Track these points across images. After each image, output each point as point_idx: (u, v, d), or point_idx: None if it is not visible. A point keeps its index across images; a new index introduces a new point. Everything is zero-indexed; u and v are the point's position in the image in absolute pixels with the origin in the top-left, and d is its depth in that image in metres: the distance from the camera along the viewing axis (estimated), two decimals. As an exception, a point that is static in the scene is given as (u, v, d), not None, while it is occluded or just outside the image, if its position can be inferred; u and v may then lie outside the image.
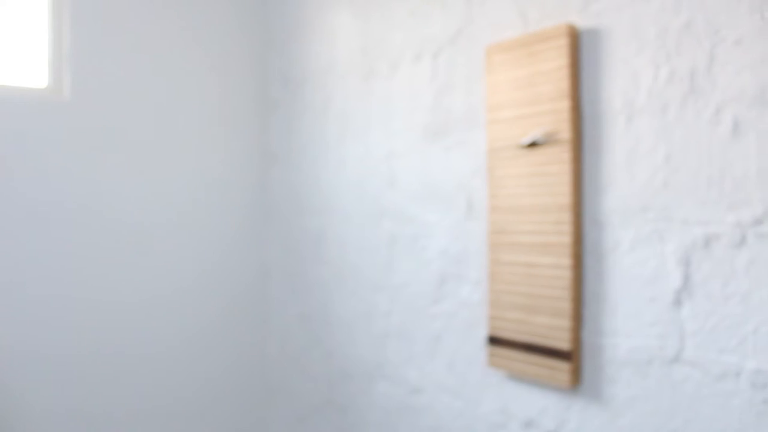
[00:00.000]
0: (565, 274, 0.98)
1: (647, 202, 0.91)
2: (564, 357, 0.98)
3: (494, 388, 1.14)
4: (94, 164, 1.53)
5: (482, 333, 1.17)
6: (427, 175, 1.29)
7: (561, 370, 0.99)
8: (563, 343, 0.98)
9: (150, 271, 1.62)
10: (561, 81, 0.98)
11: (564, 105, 0.98)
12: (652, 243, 0.90)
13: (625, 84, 0.94)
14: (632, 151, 0.93)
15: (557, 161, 0.99)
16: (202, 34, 1.71)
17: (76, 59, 1.50)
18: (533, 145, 1.02)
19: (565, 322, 0.98)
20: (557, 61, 0.99)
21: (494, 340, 1.10)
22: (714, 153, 0.83)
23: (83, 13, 1.51)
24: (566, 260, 0.98)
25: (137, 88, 1.60)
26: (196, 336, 1.70)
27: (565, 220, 0.98)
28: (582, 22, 1.00)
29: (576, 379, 0.99)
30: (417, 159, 1.32)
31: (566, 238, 0.98)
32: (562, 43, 0.98)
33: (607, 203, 0.96)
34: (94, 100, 1.53)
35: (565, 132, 0.98)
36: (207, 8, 1.72)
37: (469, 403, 1.19)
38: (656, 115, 0.90)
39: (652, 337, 0.90)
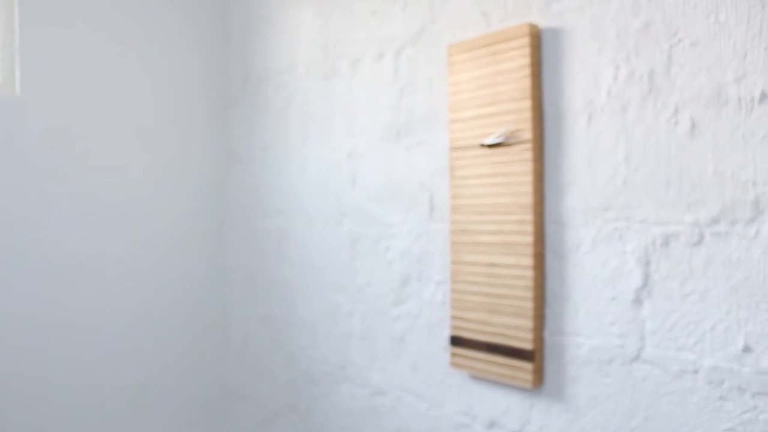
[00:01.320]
0: (527, 274, 0.98)
1: (608, 201, 0.92)
2: (526, 357, 0.98)
3: (457, 388, 1.14)
4: (46, 160, 1.47)
5: (445, 334, 1.16)
6: (390, 175, 1.28)
7: (524, 370, 0.99)
8: (526, 343, 0.98)
9: (104, 274, 1.57)
10: (523, 80, 0.98)
11: (526, 105, 0.98)
12: (613, 243, 0.91)
13: (585, 84, 0.94)
14: (593, 151, 0.93)
15: (519, 161, 0.99)
16: (157, 31, 1.67)
17: (26, 54, 1.44)
18: (495, 144, 1.02)
19: (528, 322, 0.98)
20: (519, 60, 0.99)
21: (457, 341, 1.10)
22: (672, 153, 0.84)
23: (33, 7, 1.45)
24: (528, 260, 0.98)
25: (90, 84, 1.54)
26: (154, 339, 1.66)
27: (527, 220, 0.98)
28: (543, 22, 1.00)
29: (539, 379, 0.99)
30: (379, 159, 1.30)
31: (528, 238, 0.98)
32: (524, 43, 0.98)
33: (568, 203, 0.97)
34: (45, 96, 1.47)
35: (526, 132, 0.98)
36: (163, 4, 1.68)
37: (433, 404, 1.19)
38: (616, 115, 0.91)
39: (613, 336, 0.91)
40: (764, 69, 0.76)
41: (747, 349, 0.77)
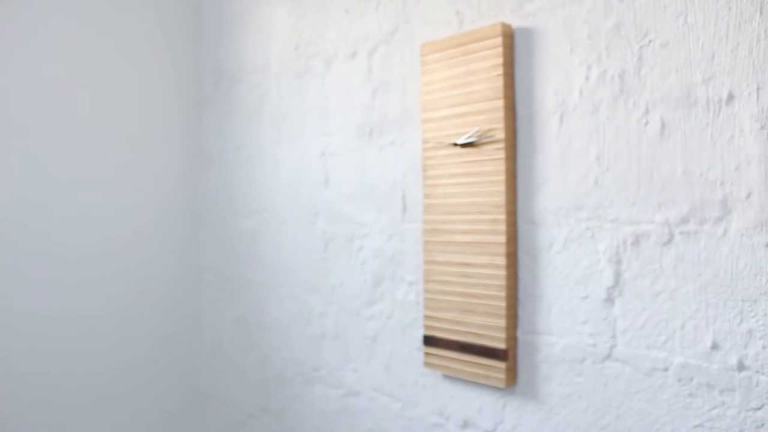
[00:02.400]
0: (500, 274, 0.98)
1: (580, 201, 0.92)
2: (500, 356, 0.98)
3: (431, 388, 1.14)
4: (15, 158, 1.43)
5: (418, 334, 1.16)
6: (363, 174, 1.27)
7: (497, 369, 0.99)
8: (499, 342, 0.98)
9: (73, 275, 1.53)
10: (495, 80, 0.98)
11: (498, 104, 0.98)
12: (585, 242, 0.92)
13: (558, 84, 0.95)
14: (565, 151, 0.94)
15: (492, 161, 0.99)
16: (129, 28, 1.63)
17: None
18: (468, 144, 1.02)
19: (501, 322, 0.98)
20: (491, 60, 0.99)
21: (430, 341, 1.09)
22: (643, 153, 0.85)
23: (-4, 0, 1.41)
24: (501, 260, 0.98)
25: (60, 82, 1.50)
26: (125, 340, 1.62)
27: (499, 219, 0.98)
28: (516, 22, 1.00)
29: (512, 378, 0.99)
30: (352, 158, 1.30)
31: (501, 238, 0.98)
32: (497, 43, 0.98)
33: (541, 202, 0.97)
34: (14, 93, 1.43)
35: (499, 131, 0.98)
36: (135, 1, 1.65)
37: (407, 404, 1.18)
38: (588, 115, 0.91)
39: (585, 334, 0.91)
40: (731, 70, 0.77)
41: (715, 346, 0.78)
